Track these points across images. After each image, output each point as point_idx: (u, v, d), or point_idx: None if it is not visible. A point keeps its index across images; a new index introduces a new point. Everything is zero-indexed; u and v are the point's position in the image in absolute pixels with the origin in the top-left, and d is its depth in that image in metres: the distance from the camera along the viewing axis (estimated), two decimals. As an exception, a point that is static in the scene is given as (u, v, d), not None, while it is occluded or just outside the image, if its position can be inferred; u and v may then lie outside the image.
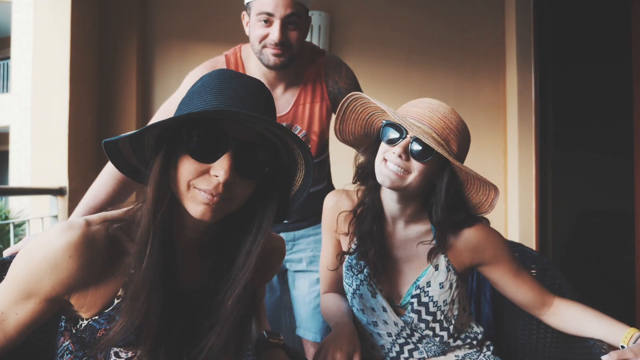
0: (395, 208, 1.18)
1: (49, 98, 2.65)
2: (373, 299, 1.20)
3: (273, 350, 1.01)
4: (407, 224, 1.21)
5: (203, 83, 0.79)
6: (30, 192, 2.50)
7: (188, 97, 0.79)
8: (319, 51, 1.52)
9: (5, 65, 12.00)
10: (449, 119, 1.09)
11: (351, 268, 1.23)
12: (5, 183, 11.51)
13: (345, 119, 1.21)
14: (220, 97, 0.75)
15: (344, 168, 2.77)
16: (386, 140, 1.12)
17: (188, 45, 3.11)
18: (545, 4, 3.10)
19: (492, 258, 1.19)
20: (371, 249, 1.18)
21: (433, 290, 1.17)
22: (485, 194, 1.14)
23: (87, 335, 0.78)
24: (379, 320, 1.21)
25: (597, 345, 1.10)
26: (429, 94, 3.40)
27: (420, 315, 1.18)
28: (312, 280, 1.64)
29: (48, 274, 0.72)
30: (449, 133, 1.08)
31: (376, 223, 1.19)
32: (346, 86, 1.49)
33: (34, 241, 0.74)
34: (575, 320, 1.17)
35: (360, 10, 3.27)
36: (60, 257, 0.72)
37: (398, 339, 1.21)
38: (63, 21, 2.62)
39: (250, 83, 0.79)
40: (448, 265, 1.17)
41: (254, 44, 1.41)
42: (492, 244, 1.19)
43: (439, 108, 1.10)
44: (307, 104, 1.48)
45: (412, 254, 1.20)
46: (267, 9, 1.34)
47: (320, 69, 1.49)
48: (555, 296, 1.22)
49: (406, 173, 1.09)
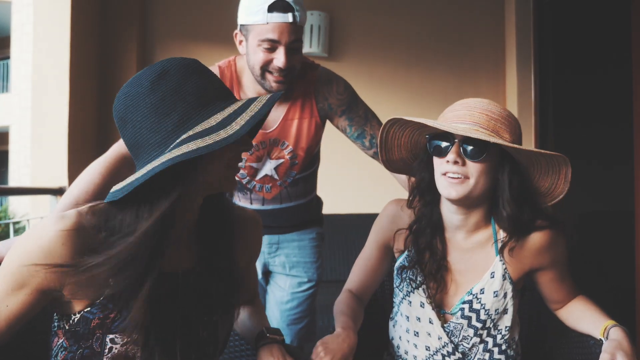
0: (457, 219, 1.14)
1: (49, 98, 2.65)
2: (421, 309, 1.17)
3: (271, 345, 1.01)
4: (468, 234, 1.16)
5: (183, 88, 0.78)
6: (30, 192, 2.51)
7: (190, 107, 0.77)
8: (312, 66, 1.49)
9: (5, 65, 11.99)
10: (490, 110, 1.06)
11: (402, 272, 1.20)
12: (5, 183, 11.50)
13: (389, 148, 1.17)
14: (219, 102, 0.79)
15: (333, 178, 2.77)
16: (437, 153, 1.09)
17: (188, 45, 3.11)
18: (545, 5, 3.10)
19: (549, 264, 1.16)
20: (429, 262, 1.15)
21: (486, 297, 1.13)
22: (557, 171, 1.08)
23: (81, 327, 0.79)
24: (421, 332, 1.18)
25: (598, 345, 1.10)
26: (429, 94, 3.43)
27: (470, 321, 1.14)
28: (293, 283, 1.64)
29: (41, 262, 0.73)
30: (496, 123, 1.04)
31: (436, 236, 1.16)
32: (337, 102, 1.47)
33: (26, 234, 0.76)
34: (575, 314, 1.19)
35: (360, 11, 3.27)
36: (53, 244, 0.73)
37: (435, 354, 1.17)
38: (63, 21, 2.62)
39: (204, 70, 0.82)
40: (505, 273, 1.14)
41: (254, 68, 1.37)
42: (555, 250, 1.15)
43: (477, 104, 1.07)
44: (295, 119, 1.46)
45: (469, 264, 1.16)
46: (271, 37, 1.30)
47: (310, 84, 1.46)
48: (579, 294, 1.22)
49: (466, 178, 1.05)
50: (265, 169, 1.50)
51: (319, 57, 3.14)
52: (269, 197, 1.54)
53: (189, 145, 0.72)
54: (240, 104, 0.79)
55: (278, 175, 1.50)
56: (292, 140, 1.47)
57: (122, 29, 2.98)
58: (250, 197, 1.55)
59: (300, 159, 1.50)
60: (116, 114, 0.79)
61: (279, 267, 1.64)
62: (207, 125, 0.76)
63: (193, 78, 0.79)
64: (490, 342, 1.16)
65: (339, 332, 1.12)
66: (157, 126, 0.77)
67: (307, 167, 1.55)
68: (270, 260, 1.64)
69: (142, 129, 0.77)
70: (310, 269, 1.65)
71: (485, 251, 1.16)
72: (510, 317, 1.15)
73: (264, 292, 1.69)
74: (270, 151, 1.47)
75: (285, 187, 1.54)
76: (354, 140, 1.50)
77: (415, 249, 1.17)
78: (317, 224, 1.70)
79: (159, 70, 0.78)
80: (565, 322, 1.22)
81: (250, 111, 0.77)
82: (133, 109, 0.77)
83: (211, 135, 0.74)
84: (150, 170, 0.73)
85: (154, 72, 0.77)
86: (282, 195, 1.55)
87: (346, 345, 1.09)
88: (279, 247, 1.63)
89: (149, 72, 0.78)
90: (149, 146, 0.77)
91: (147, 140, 0.77)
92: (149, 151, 0.77)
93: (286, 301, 1.63)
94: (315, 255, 1.67)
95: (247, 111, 0.77)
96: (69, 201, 1.17)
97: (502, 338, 1.16)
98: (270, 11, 1.28)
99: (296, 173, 1.52)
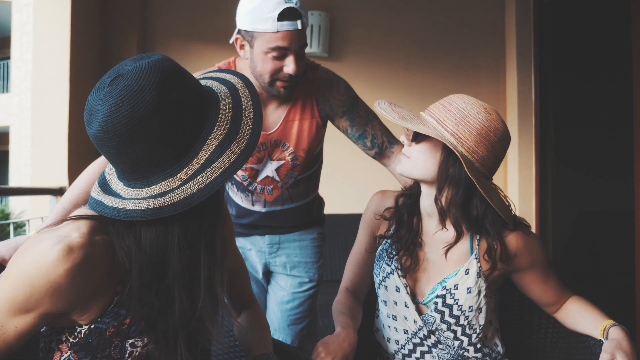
0: (427, 205, 1.18)
1: (49, 98, 2.65)
2: (397, 293, 1.20)
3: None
4: (441, 224, 1.19)
5: (187, 88, 0.75)
6: (30, 192, 2.51)
7: (198, 107, 0.75)
8: (312, 66, 1.49)
9: (5, 65, 12.00)
10: (450, 101, 1.10)
11: (382, 256, 1.23)
12: (5, 183, 11.51)
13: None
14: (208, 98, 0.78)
15: (333, 178, 2.77)
16: None
17: (188, 45, 3.12)
18: (545, 5, 3.11)
19: (526, 266, 1.18)
20: (406, 235, 1.20)
21: (460, 293, 1.15)
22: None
23: (95, 338, 0.78)
24: (398, 315, 1.21)
25: (598, 345, 1.10)
26: (429, 95, 3.43)
27: (443, 316, 1.17)
28: (295, 283, 1.64)
29: (50, 296, 0.71)
30: (445, 113, 1.09)
31: (414, 217, 1.22)
32: (338, 102, 1.47)
33: (29, 260, 0.72)
34: (573, 316, 1.19)
35: (360, 11, 3.27)
36: (63, 281, 0.71)
37: (414, 337, 1.20)
38: (63, 21, 2.62)
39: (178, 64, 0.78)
40: (479, 271, 1.15)
41: (262, 77, 1.36)
42: (530, 252, 1.17)
43: (449, 97, 1.13)
44: (296, 120, 1.46)
45: (443, 254, 1.19)
46: (282, 44, 1.29)
47: (312, 85, 1.46)
48: (571, 294, 1.22)
49: (408, 157, 1.14)
50: (266, 171, 1.49)
51: (319, 57, 3.14)
52: (270, 199, 1.54)
53: (231, 150, 0.73)
54: (225, 90, 0.80)
55: (279, 176, 1.50)
56: (293, 142, 1.47)
57: (122, 29, 2.98)
58: (252, 199, 1.55)
59: (302, 160, 1.50)
60: (115, 134, 0.69)
61: (280, 268, 1.64)
62: (223, 124, 0.75)
63: (186, 74, 0.76)
64: (465, 341, 1.18)
65: (338, 332, 1.13)
66: (174, 138, 0.72)
67: (308, 168, 1.55)
68: (271, 260, 1.64)
69: (157, 144, 0.71)
70: (312, 269, 1.65)
71: (460, 245, 1.17)
72: (484, 316, 1.17)
73: (264, 293, 1.69)
74: (271, 152, 1.47)
75: (287, 189, 1.54)
76: (355, 141, 1.50)
77: (396, 221, 1.23)
78: (318, 223, 1.70)
79: (157, 78, 0.70)
80: (565, 324, 1.22)
81: (249, 95, 0.79)
82: (141, 125, 0.69)
83: (237, 134, 0.74)
84: (208, 187, 0.71)
85: (153, 81, 0.69)
86: (284, 196, 1.55)
87: (347, 344, 1.10)
88: (280, 247, 1.63)
89: (148, 82, 0.69)
90: (165, 161, 0.72)
91: (163, 155, 0.72)
92: (164, 167, 0.73)
93: (287, 301, 1.63)
94: (317, 255, 1.67)
95: (248, 95, 0.79)
96: (68, 201, 1.17)
97: (477, 337, 1.18)
98: (281, 20, 1.27)
99: (297, 174, 1.52)
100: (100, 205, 0.76)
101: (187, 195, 0.71)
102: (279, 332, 1.61)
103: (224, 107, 0.76)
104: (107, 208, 0.75)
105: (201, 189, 0.71)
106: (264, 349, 1.04)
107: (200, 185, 0.72)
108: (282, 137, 1.46)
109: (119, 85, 0.70)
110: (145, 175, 0.73)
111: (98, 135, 0.71)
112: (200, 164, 0.73)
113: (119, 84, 0.70)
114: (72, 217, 0.79)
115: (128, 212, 0.72)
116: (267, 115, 1.46)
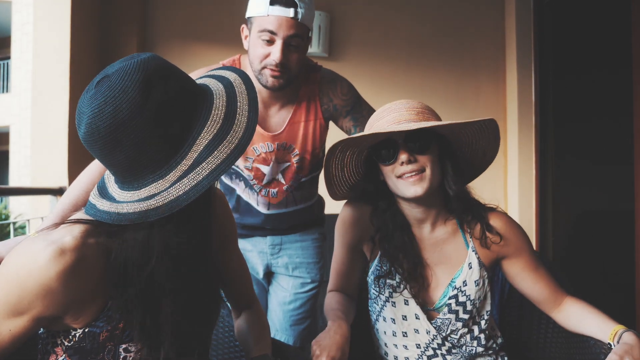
0: (419, 212, 1.18)
1: (49, 98, 2.65)
2: (406, 307, 1.18)
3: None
4: (433, 227, 1.20)
5: (171, 88, 0.72)
6: (30, 192, 2.50)
7: (187, 106, 0.74)
8: (314, 67, 1.49)
9: (5, 65, 12.00)
10: (413, 106, 1.13)
11: (379, 279, 1.21)
12: (5, 183, 11.50)
13: (337, 182, 1.23)
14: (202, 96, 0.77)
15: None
16: (385, 159, 1.12)
17: (188, 45, 3.11)
18: (545, 5, 3.10)
19: (515, 250, 1.20)
20: (405, 262, 1.17)
21: (470, 288, 1.17)
22: (485, 136, 1.17)
23: (88, 342, 0.77)
24: (409, 330, 1.19)
25: (598, 345, 1.10)
26: (429, 94, 3.42)
27: (457, 315, 1.17)
28: (296, 284, 1.64)
29: (41, 298, 0.71)
30: (423, 114, 1.11)
31: (405, 235, 1.18)
32: (342, 102, 1.47)
33: (21, 262, 0.72)
34: (576, 317, 1.19)
35: (360, 11, 3.27)
36: (55, 284, 0.71)
37: (427, 350, 1.19)
38: (63, 21, 2.62)
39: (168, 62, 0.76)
40: (479, 262, 1.18)
41: (253, 63, 1.37)
42: (516, 235, 1.20)
43: (397, 105, 1.13)
44: (302, 122, 1.46)
45: (442, 256, 1.19)
46: (270, 27, 1.31)
47: (315, 86, 1.46)
48: (567, 294, 1.23)
49: (423, 172, 1.10)
50: (272, 172, 1.50)
51: (319, 57, 3.14)
52: (274, 202, 1.55)
53: (220, 151, 0.70)
54: (220, 89, 0.78)
55: (285, 179, 1.51)
56: (299, 144, 1.47)
57: (122, 29, 2.97)
58: (257, 199, 1.55)
59: (307, 162, 1.50)
60: (100, 137, 0.69)
61: (282, 268, 1.64)
62: (215, 123, 0.73)
63: (174, 73, 0.74)
64: (476, 330, 1.19)
65: (329, 326, 1.13)
66: (162, 139, 0.70)
67: (313, 170, 1.56)
68: (273, 261, 1.64)
69: (143, 145, 0.69)
70: (314, 269, 1.65)
71: (454, 242, 1.19)
72: (489, 302, 1.20)
73: (265, 293, 1.69)
74: (277, 154, 1.48)
75: (292, 191, 1.54)
76: None
77: (387, 256, 1.19)
78: (319, 224, 1.71)
79: (141, 77, 0.68)
80: (566, 326, 1.21)
81: (246, 92, 0.77)
82: (125, 126, 0.68)
83: (228, 133, 0.72)
84: (194, 189, 0.69)
85: (135, 80, 0.68)
86: (288, 199, 1.55)
87: (338, 336, 1.09)
88: (282, 248, 1.63)
89: (130, 82, 0.68)
90: (153, 162, 0.71)
91: (151, 156, 0.70)
92: (154, 168, 0.71)
93: (289, 302, 1.63)
94: (318, 255, 1.67)
95: (244, 92, 0.77)
96: (68, 201, 1.17)
97: (485, 323, 1.20)
98: (273, 4, 1.30)
99: (302, 176, 1.53)
100: (93, 209, 0.76)
101: (173, 198, 0.69)
102: (281, 333, 1.61)
103: (217, 106, 0.74)
104: (98, 211, 0.74)
105: (187, 192, 0.69)
106: (263, 349, 1.04)
107: (186, 187, 0.70)
108: (288, 140, 1.47)
109: (104, 87, 0.69)
110: (136, 178, 0.72)
111: (85, 137, 0.72)
112: (188, 165, 0.71)
113: (104, 85, 0.69)
114: (68, 222, 0.78)
115: (116, 216, 0.72)
116: (271, 116, 1.46)
